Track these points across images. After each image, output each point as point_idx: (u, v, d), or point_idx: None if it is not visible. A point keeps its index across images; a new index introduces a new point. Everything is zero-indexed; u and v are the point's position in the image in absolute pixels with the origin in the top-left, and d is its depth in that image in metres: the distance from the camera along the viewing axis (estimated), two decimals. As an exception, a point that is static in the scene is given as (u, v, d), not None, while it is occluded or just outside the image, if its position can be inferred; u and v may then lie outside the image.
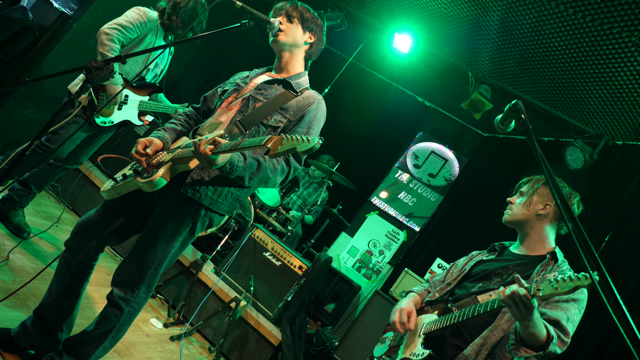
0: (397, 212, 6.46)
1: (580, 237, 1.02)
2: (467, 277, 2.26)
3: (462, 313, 1.92)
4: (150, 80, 3.43)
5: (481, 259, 2.32)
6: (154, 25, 3.23)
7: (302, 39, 2.17)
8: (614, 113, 4.18)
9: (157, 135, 2.01)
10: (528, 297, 1.62)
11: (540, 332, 1.72)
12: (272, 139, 1.44)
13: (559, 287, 1.55)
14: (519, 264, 2.11)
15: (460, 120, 6.59)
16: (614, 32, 3.36)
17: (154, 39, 3.27)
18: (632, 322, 0.87)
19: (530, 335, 1.72)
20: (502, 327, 1.91)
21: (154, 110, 3.33)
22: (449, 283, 2.30)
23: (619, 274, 3.80)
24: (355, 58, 6.03)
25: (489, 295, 2.01)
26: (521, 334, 1.76)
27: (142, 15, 3.15)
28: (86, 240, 1.97)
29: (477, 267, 2.27)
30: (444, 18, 4.47)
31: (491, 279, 2.11)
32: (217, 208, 1.98)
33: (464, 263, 2.37)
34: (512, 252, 2.24)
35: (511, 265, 2.12)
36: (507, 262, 2.16)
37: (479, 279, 2.17)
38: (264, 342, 3.43)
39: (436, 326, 2.03)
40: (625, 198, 4.21)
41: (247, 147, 1.56)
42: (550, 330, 1.77)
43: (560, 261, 2.05)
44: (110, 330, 1.94)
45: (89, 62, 1.77)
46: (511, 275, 2.06)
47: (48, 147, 3.01)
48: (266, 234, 3.87)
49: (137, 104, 3.27)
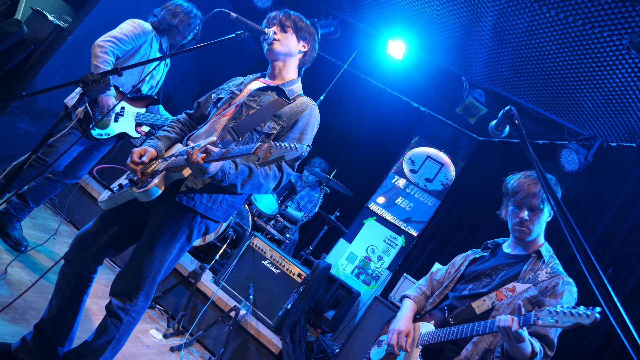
0: (394, 217, 6.47)
1: (575, 239, 1.03)
2: (460, 279, 2.31)
3: (460, 330, 1.97)
4: (146, 92, 3.43)
5: (474, 257, 2.37)
6: (149, 37, 3.25)
7: (297, 48, 2.19)
8: (607, 115, 4.22)
9: (151, 144, 2.02)
10: (519, 335, 1.67)
11: (525, 349, 1.75)
12: (261, 147, 1.46)
13: (559, 321, 1.55)
14: (508, 264, 2.16)
15: (455, 124, 6.63)
16: (605, 35, 3.40)
17: (149, 50, 3.28)
18: (630, 323, 0.88)
19: (516, 350, 1.76)
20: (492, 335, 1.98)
21: (151, 122, 3.34)
22: (446, 285, 2.34)
23: (615, 276, 3.82)
24: (349, 65, 6.06)
25: (483, 300, 2.06)
26: (507, 350, 1.80)
27: (137, 27, 3.17)
28: (85, 252, 1.97)
29: (470, 267, 2.31)
30: (437, 24, 4.51)
31: (480, 280, 2.17)
32: (212, 215, 1.99)
33: (460, 262, 2.42)
34: (504, 251, 2.27)
35: (500, 265, 2.17)
36: (497, 262, 2.21)
37: (469, 280, 2.23)
38: (265, 350, 3.42)
39: (433, 339, 2.08)
40: (621, 198, 4.24)
41: (238, 155, 1.57)
42: (536, 347, 1.80)
43: (547, 258, 2.09)
44: (110, 341, 1.94)
45: (86, 75, 1.77)
46: (499, 275, 2.13)
47: (44, 160, 3.01)
48: (264, 242, 3.86)
49: (134, 116, 3.27)
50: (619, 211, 4.18)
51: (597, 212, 4.30)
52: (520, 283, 2.03)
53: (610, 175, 4.48)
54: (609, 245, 4.05)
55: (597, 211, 4.31)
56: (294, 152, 1.43)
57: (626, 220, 4.08)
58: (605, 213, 4.26)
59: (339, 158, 6.71)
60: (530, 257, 2.12)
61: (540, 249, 2.12)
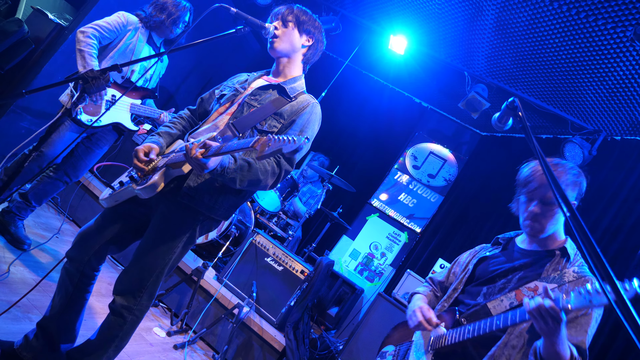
0: (397, 213, 6.45)
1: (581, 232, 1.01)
2: (470, 280, 2.05)
3: (476, 327, 1.74)
4: (141, 85, 3.39)
5: (484, 254, 2.10)
6: (134, 26, 3.24)
7: (299, 42, 2.16)
8: (611, 108, 4.18)
9: (153, 141, 2.01)
10: (555, 310, 1.45)
11: (564, 351, 1.54)
12: (259, 139, 1.45)
13: (592, 300, 1.37)
14: (526, 263, 1.90)
15: (457, 120, 6.60)
16: (609, 27, 3.37)
17: (134, 39, 3.24)
18: (637, 317, 0.87)
19: (554, 354, 1.54)
20: (511, 343, 1.73)
21: (148, 115, 3.29)
22: (455, 288, 2.09)
23: (620, 269, 3.80)
24: (351, 61, 6.04)
25: (500, 300, 1.82)
26: (543, 355, 1.58)
27: (121, 17, 3.19)
28: (87, 249, 1.96)
29: (480, 267, 2.05)
30: (439, 19, 4.48)
31: (495, 282, 1.92)
32: (215, 214, 1.99)
33: (467, 261, 2.16)
34: (519, 247, 2.00)
35: (518, 265, 1.91)
36: (513, 260, 1.95)
37: (483, 282, 1.98)
38: (268, 347, 3.42)
39: (445, 341, 1.85)
40: (625, 192, 4.22)
41: (236, 149, 1.56)
42: (574, 351, 1.59)
43: (573, 257, 1.84)
44: (113, 340, 1.93)
45: (86, 72, 1.77)
46: (517, 276, 1.88)
47: (40, 151, 2.98)
48: (267, 240, 3.86)
49: (128, 106, 3.23)
50: (624, 205, 4.16)
51: (602, 206, 4.27)
52: (543, 282, 1.77)
53: (615, 169, 4.45)
54: (615, 239, 4.03)
55: (601, 205, 4.28)
56: (292, 145, 1.42)
57: (631, 213, 4.05)
58: (610, 207, 4.23)
59: (341, 154, 6.69)
60: (555, 254, 1.86)
61: (565, 246, 1.86)
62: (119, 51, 3.20)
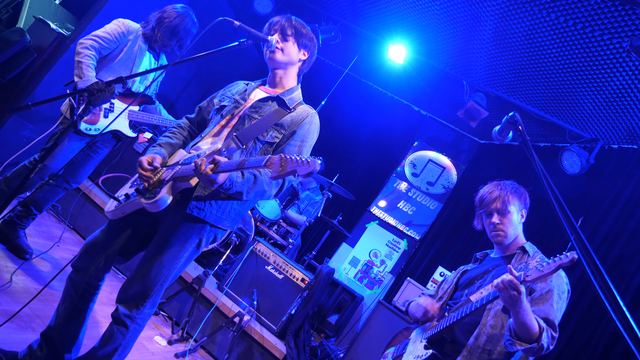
0: (397, 221, 6.47)
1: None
2: (455, 290, 2.44)
3: (458, 313, 2.10)
4: (139, 91, 3.39)
5: (465, 269, 2.51)
6: (135, 35, 3.21)
7: (297, 56, 2.21)
8: (608, 117, 4.22)
9: (155, 152, 2.03)
10: (515, 282, 1.78)
11: (531, 322, 1.84)
12: (272, 159, 1.49)
13: (544, 270, 1.74)
14: (496, 266, 2.28)
15: (456, 128, 6.64)
16: (605, 38, 3.41)
17: (135, 48, 3.24)
18: (634, 325, 0.89)
19: (522, 325, 1.84)
20: (490, 323, 2.06)
21: (147, 122, 3.29)
22: (440, 297, 2.46)
23: (618, 278, 3.82)
24: (350, 70, 6.08)
25: (480, 293, 2.14)
26: (515, 328, 1.88)
27: (121, 25, 3.16)
28: (93, 260, 1.98)
29: (462, 278, 2.44)
30: (438, 29, 4.53)
31: (474, 284, 2.30)
32: (221, 224, 2.02)
33: (453, 276, 2.55)
34: (491, 257, 2.42)
35: (490, 268, 2.30)
36: (486, 267, 2.34)
37: (464, 287, 2.36)
38: (269, 356, 3.42)
39: (436, 329, 2.20)
40: (623, 200, 4.25)
41: (247, 167, 1.60)
42: (541, 322, 1.90)
43: (532, 252, 2.21)
44: (116, 349, 1.94)
45: (91, 85, 1.79)
46: (490, 275, 2.25)
47: (44, 164, 2.99)
48: (268, 248, 3.87)
49: (126, 113, 3.22)
50: (622, 213, 4.18)
51: (600, 215, 4.30)
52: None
53: (613, 177, 4.48)
54: (612, 248, 4.05)
55: (599, 213, 4.31)
56: (306, 168, 1.45)
57: (629, 222, 4.08)
58: (608, 215, 4.26)
59: (340, 162, 6.71)
60: (515, 253, 2.25)
61: (524, 246, 2.25)
62: (120, 61, 3.20)
